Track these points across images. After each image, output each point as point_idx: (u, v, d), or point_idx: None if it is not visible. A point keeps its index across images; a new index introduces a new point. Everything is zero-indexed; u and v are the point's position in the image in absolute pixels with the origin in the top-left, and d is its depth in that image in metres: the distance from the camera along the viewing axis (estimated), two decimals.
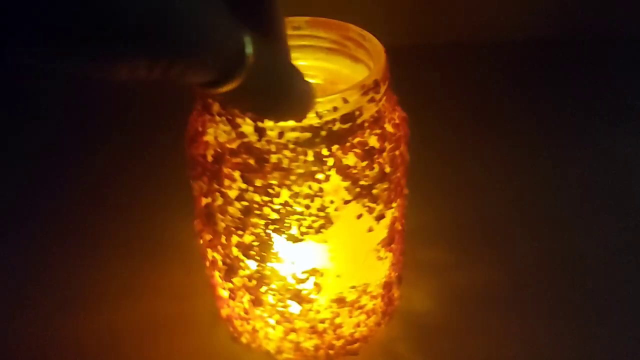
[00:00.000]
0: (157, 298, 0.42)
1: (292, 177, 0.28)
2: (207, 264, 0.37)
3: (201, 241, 0.36)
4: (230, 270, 0.33)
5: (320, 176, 0.29)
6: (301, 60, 0.35)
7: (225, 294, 0.36)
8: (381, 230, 0.33)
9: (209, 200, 0.31)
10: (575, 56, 0.66)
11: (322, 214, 0.29)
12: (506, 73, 0.65)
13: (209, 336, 0.40)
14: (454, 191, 0.50)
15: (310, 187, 0.29)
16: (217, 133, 0.30)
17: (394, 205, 0.33)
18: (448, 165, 0.52)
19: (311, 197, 0.29)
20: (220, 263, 0.34)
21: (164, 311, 0.41)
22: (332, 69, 0.35)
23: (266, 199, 0.29)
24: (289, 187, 0.29)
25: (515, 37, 0.67)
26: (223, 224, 0.32)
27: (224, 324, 0.40)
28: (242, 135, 0.28)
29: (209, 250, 0.35)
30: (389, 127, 0.31)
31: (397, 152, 0.31)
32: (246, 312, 0.35)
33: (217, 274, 0.36)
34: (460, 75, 0.64)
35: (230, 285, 0.34)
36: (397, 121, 0.32)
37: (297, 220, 0.30)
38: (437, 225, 0.46)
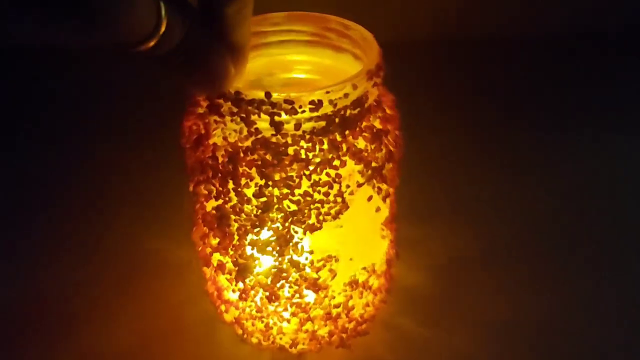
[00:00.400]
0: (151, 310, 0.41)
1: (311, 167, 0.29)
2: (209, 270, 0.37)
3: (201, 248, 0.36)
4: (243, 270, 0.33)
5: (336, 162, 0.29)
6: (282, 55, 0.36)
7: (233, 296, 0.36)
8: (384, 210, 0.34)
9: (219, 202, 0.31)
10: (575, 52, 0.71)
11: (339, 199, 0.30)
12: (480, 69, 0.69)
13: (210, 343, 0.40)
14: (425, 168, 0.52)
15: (328, 174, 0.29)
16: (225, 133, 0.30)
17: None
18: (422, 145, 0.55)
19: (330, 184, 0.30)
20: (230, 265, 0.34)
21: (160, 322, 0.41)
22: (314, 61, 0.36)
23: (286, 191, 0.29)
24: (308, 177, 0.29)
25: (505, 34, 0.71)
26: (236, 225, 0.31)
27: (227, 328, 0.39)
28: (257, 131, 0.28)
29: (214, 254, 0.35)
30: (387, 109, 0.32)
31: (397, 132, 0.32)
32: (258, 310, 0.36)
33: (222, 277, 0.36)
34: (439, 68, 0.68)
35: (241, 286, 0.34)
36: (390, 103, 0.33)
37: (316, 208, 0.30)
38: (412, 202, 0.48)
